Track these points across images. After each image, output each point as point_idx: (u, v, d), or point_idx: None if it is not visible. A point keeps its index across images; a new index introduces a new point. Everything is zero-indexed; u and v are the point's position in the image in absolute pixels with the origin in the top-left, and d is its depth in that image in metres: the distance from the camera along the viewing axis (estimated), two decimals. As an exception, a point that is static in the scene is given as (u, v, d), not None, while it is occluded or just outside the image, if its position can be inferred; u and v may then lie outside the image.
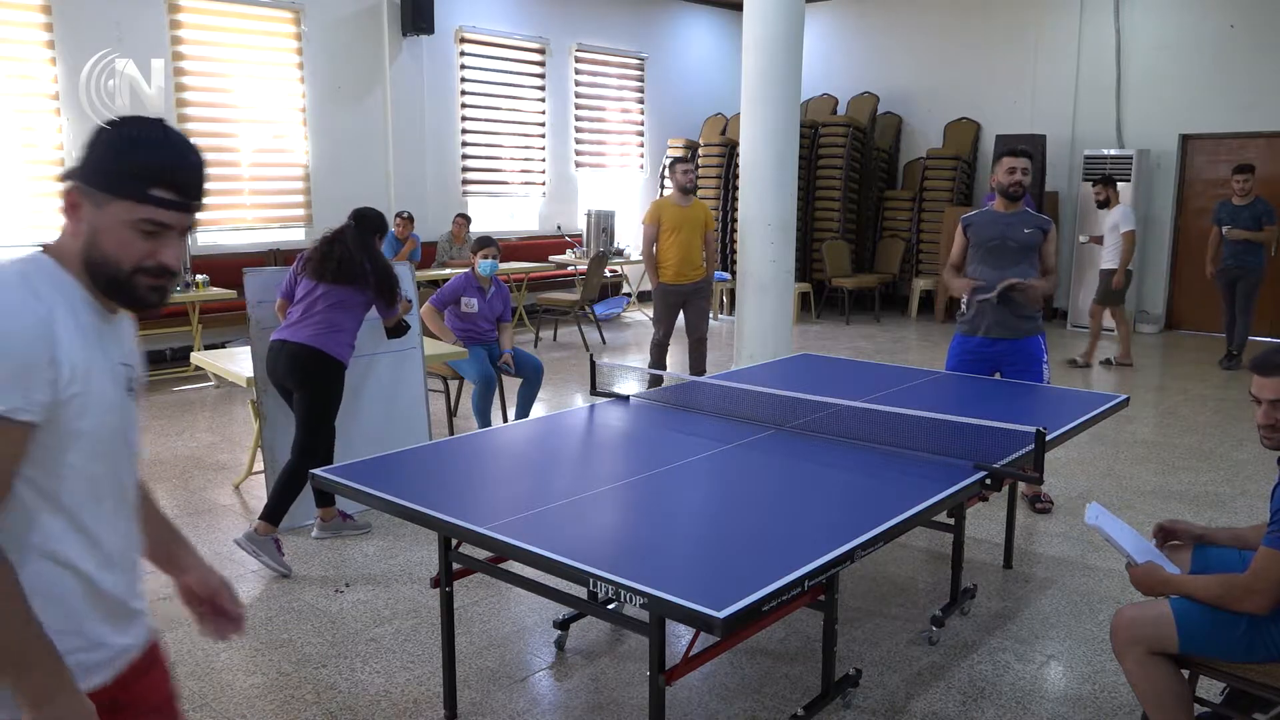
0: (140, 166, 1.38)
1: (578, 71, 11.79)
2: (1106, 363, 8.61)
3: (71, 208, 1.41)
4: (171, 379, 7.88)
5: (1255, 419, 2.43)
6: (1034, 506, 4.87)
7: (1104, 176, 8.65)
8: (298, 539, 4.46)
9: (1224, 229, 8.40)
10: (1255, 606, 2.31)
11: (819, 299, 11.79)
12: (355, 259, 4.27)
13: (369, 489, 2.75)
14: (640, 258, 11.45)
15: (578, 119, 11.89)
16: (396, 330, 4.59)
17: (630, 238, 12.23)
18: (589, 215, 10.91)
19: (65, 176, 1.41)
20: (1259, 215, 8.20)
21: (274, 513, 4.12)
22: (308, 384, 4.25)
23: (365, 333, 4.96)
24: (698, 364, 7.13)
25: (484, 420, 5.72)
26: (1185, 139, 10.38)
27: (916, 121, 12.24)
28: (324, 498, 4.49)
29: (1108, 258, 8.36)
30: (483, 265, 5.82)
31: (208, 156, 1.46)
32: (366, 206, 4.52)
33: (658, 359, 7.08)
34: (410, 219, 9.15)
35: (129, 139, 1.39)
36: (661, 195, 11.66)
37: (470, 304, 5.82)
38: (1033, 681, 3.24)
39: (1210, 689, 2.76)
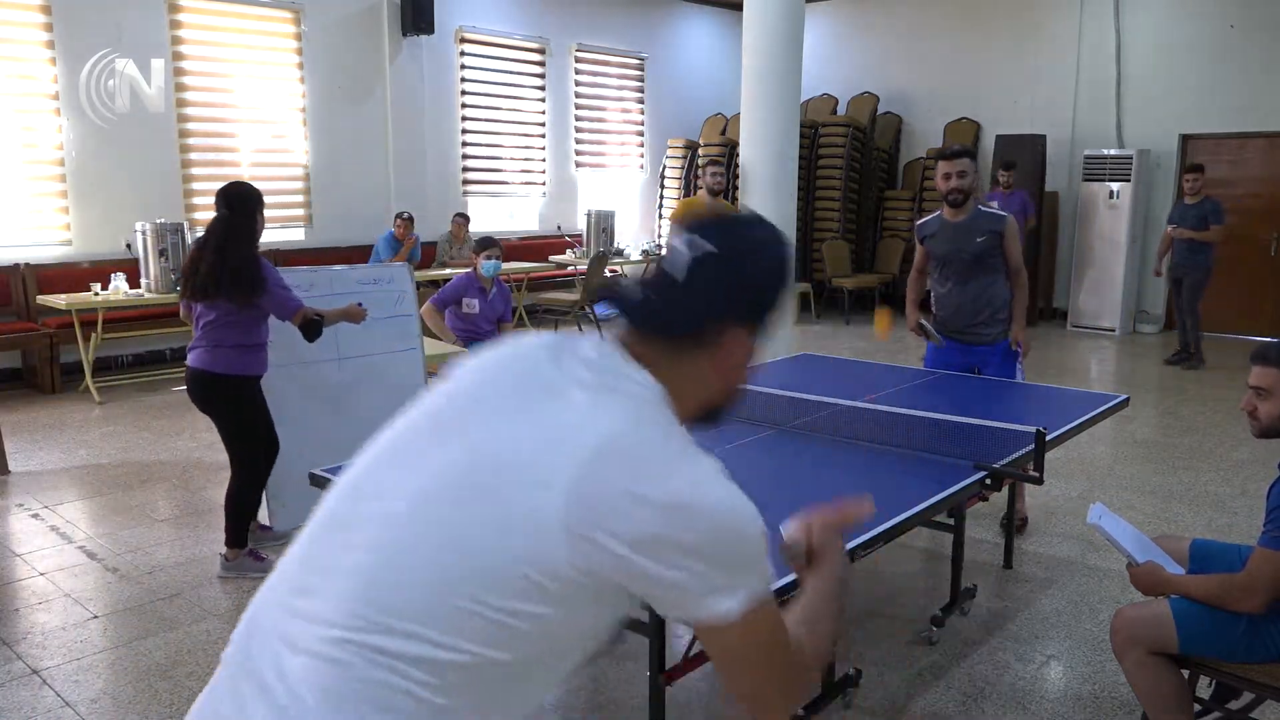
0: (784, 293, 1.23)
1: (578, 71, 11.79)
2: None
3: (727, 350, 1.21)
4: (171, 379, 7.88)
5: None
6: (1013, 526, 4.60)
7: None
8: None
9: (1169, 228, 8.56)
10: (1251, 606, 2.31)
11: (819, 299, 11.79)
12: (215, 269, 3.79)
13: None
14: (639, 257, 11.53)
15: (578, 119, 11.89)
16: (307, 332, 4.04)
17: (630, 238, 12.24)
18: (589, 215, 10.90)
19: (710, 318, 1.19)
20: (1204, 215, 8.31)
21: (235, 537, 4.06)
22: (208, 409, 4.03)
23: (365, 333, 4.96)
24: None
25: None
26: (1185, 139, 10.38)
27: (916, 121, 12.24)
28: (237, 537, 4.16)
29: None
30: (485, 266, 5.81)
31: (208, 156, 1.36)
32: (237, 182, 4.07)
33: None
34: (410, 220, 9.15)
35: (784, 264, 1.23)
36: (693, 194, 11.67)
37: (471, 305, 5.81)
38: (1033, 681, 3.24)
39: (1210, 689, 2.75)
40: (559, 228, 11.69)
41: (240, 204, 3.91)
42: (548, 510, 1.04)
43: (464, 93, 10.61)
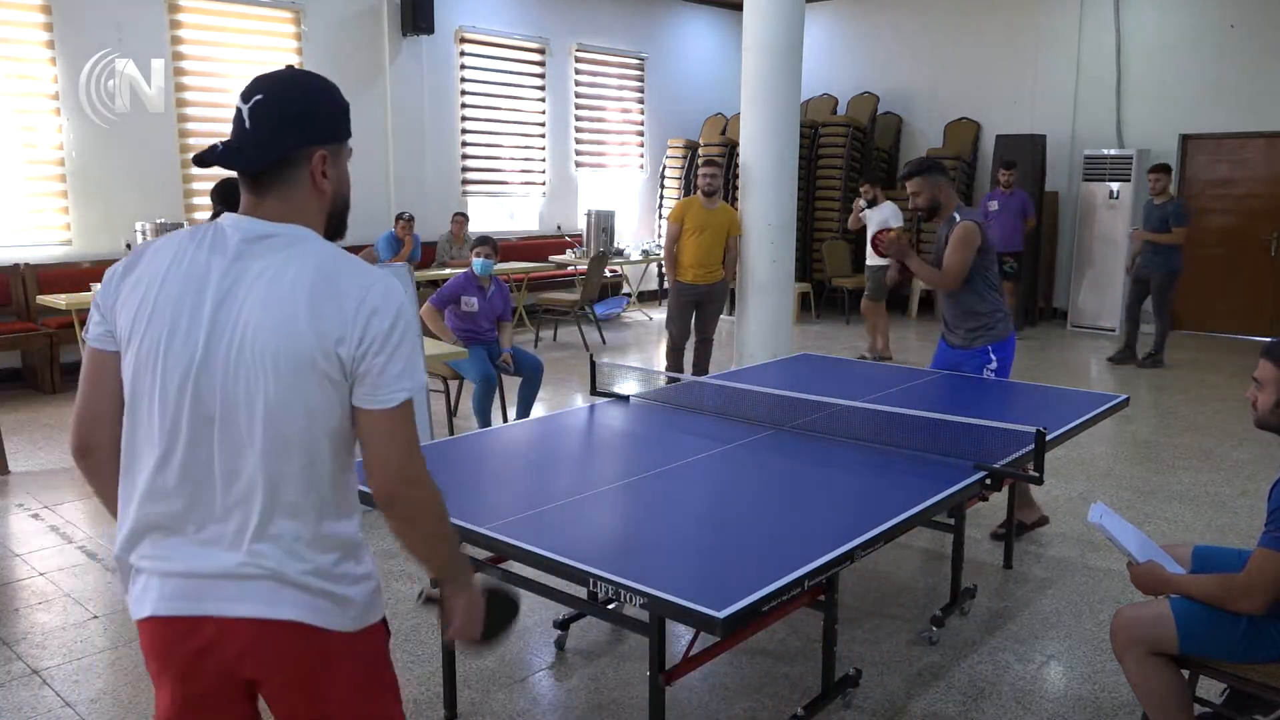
0: (332, 107, 1.63)
1: (578, 71, 11.79)
2: (863, 358, 8.41)
3: (314, 166, 1.57)
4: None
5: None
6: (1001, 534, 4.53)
7: (873, 176, 8.54)
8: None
9: (1134, 229, 8.65)
10: (1251, 607, 2.31)
11: (819, 299, 11.79)
12: None
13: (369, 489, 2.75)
14: (639, 257, 11.54)
15: (578, 119, 11.89)
16: None
17: (629, 237, 12.24)
18: (589, 215, 10.91)
19: (287, 145, 1.54)
20: (1165, 216, 8.31)
21: None
22: None
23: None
24: (700, 364, 7.13)
25: (484, 420, 5.72)
26: (1185, 139, 10.38)
27: (916, 121, 12.24)
28: None
29: (877, 255, 8.15)
30: (476, 264, 5.81)
31: None
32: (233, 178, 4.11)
33: (674, 363, 7.05)
34: (411, 220, 9.15)
35: (319, 88, 1.62)
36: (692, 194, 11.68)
37: (470, 303, 5.81)
38: (1033, 681, 3.24)
39: (1210, 689, 2.76)
40: (559, 228, 11.69)
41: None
42: (308, 349, 1.47)
43: (464, 93, 10.61)
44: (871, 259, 8.70)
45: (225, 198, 3.95)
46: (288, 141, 1.53)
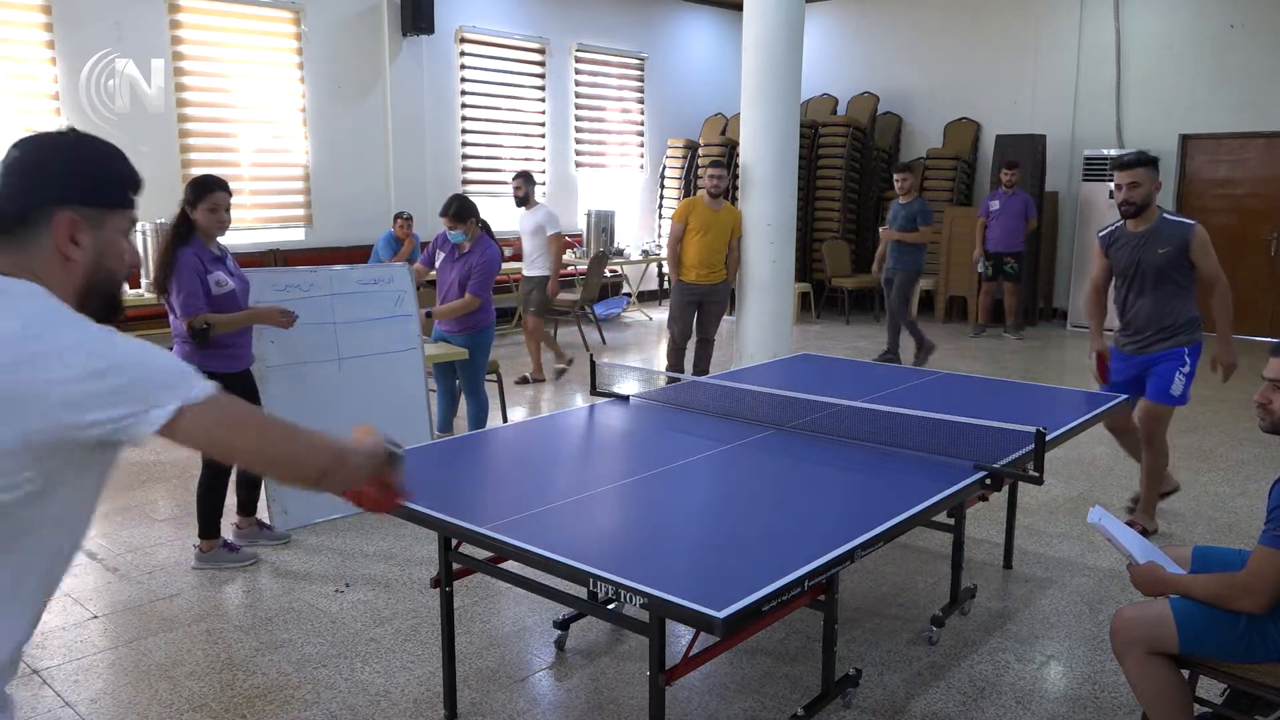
0: (91, 168, 1.42)
1: (578, 71, 11.79)
2: (523, 380, 7.79)
3: (59, 229, 1.38)
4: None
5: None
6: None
7: (521, 172, 7.79)
8: (302, 534, 4.47)
9: (881, 229, 8.58)
10: (1252, 605, 2.31)
11: (819, 299, 11.79)
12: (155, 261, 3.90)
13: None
14: (639, 257, 11.54)
15: (578, 119, 11.88)
16: (195, 338, 3.89)
17: (629, 237, 12.24)
18: (589, 215, 10.91)
19: (31, 205, 1.37)
20: (913, 215, 8.26)
21: (207, 528, 4.16)
22: None
23: (364, 334, 4.95)
24: (701, 364, 7.13)
25: (443, 425, 5.63)
26: (1185, 139, 10.38)
27: (916, 121, 12.24)
28: (246, 505, 4.41)
29: (537, 264, 7.66)
30: (452, 236, 5.35)
31: (208, 156, 1.52)
32: (205, 175, 4.11)
33: (675, 362, 7.04)
34: (410, 220, 9.15)
35: (76, 146, 1.43)
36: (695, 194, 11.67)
37: (439, 257, 5.44)
38: (1033, 681, 3.24)
39: (1210, 689, 2.76)
40: (559, 228, 11.68)
41: (185, 197, 3.99)
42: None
43: (464, 93, 10.61)
44: (530, 268, 7.73)
45: (196, 189, 3.97)
46: (34, 198, 1.37)
